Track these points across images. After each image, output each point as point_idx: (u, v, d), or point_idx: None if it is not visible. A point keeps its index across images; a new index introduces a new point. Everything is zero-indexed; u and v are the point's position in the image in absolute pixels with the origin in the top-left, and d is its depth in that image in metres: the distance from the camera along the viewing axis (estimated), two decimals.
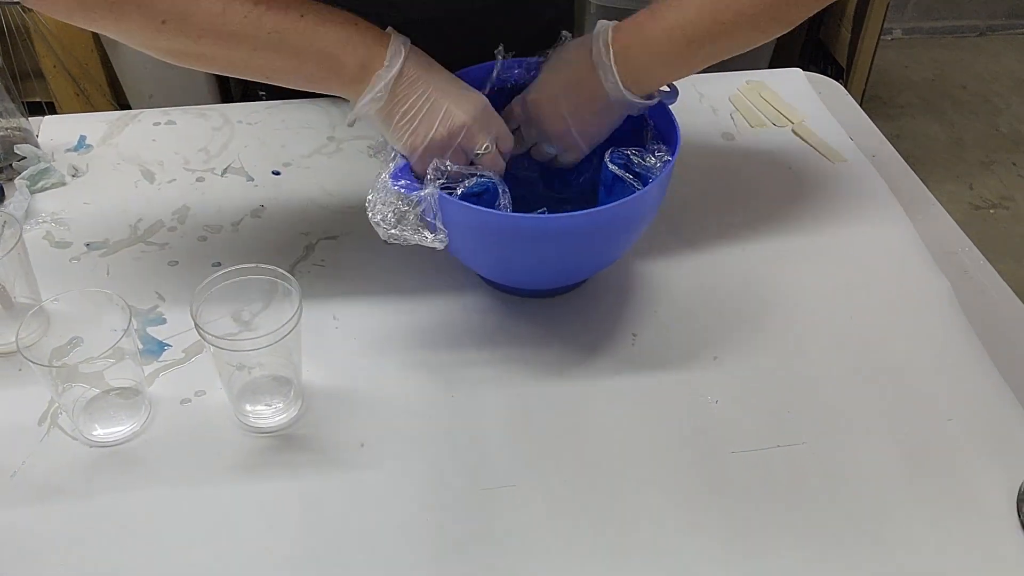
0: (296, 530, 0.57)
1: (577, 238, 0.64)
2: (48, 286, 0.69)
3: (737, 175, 0.87)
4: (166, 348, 0.69)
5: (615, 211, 0.63)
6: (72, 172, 0.85)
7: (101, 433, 0.62)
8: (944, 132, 2.36)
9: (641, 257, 0.77)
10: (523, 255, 0.65)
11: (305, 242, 0.78)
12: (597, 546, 0.57)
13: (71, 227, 0.79)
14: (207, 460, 0.61)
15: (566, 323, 0.71)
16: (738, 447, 0.62)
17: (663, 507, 0.59)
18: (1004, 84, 2.55)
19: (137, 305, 0.71)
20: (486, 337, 0.70)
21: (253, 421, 0.63)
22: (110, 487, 0.59)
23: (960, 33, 2.76)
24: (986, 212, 2.12)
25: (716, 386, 0.66)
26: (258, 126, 0.92)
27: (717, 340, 0.70)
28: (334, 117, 0.93)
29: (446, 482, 0.60)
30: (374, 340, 0.70)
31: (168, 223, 0.80)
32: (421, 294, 0.73)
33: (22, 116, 0.85)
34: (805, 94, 0.99)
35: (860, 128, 0.95)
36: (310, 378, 0.66)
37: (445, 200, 0.61)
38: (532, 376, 0.67)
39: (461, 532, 0.57)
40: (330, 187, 0.84)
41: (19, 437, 0.62)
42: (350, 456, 0.62)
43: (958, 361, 0.69)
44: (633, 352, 0.69)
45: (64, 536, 0.57)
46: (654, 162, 0.68)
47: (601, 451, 0.62)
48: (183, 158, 0.88)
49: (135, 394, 0.64)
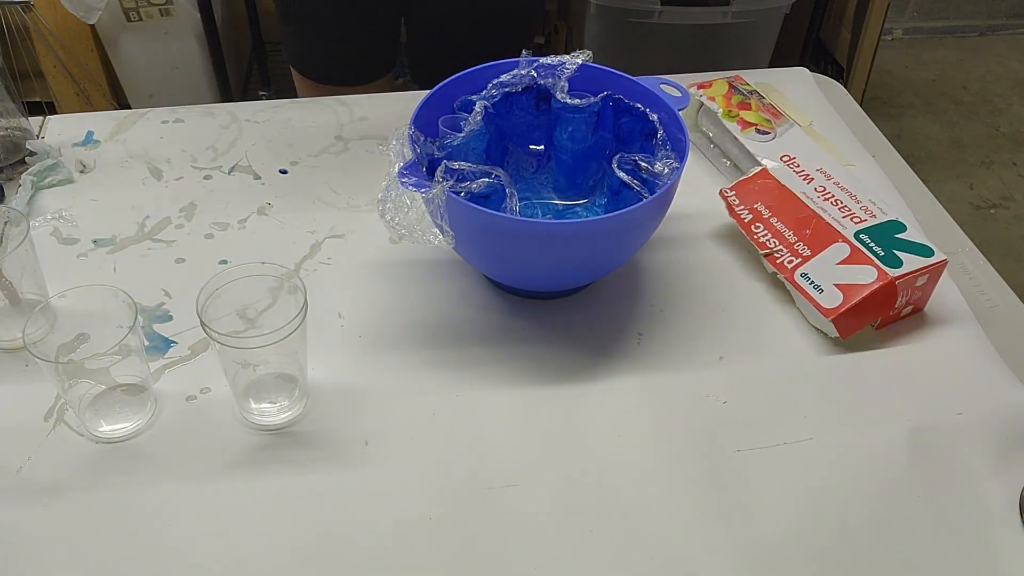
0: (300, 527, 0.58)
1: (584, 243, 0.64)
2: (55, 282, 0.70)
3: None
4: (172, 345, 0.69)
5: (622, 218, 0.63)
6: (80, 168, 0.86)
7: (107, 429, 0.62)
8: (944, 132, 2.36)
9: (647, 257, 0.77)
10: (529, 258, 0.65)
11: (311, 240, 0.78)
12: (601, 546, 0.57)
13: (78, 224, 0.79)
14: (212, 457, 0.61)
15: (572, 323, 0.71)
16: (744, 445, 0.63)
17: (668, 507, 0.59)
18: (1004, 84, 2.56)
19: (143, 302, 0.72)
20: (491, 337, 0.70)
21: (258, 418, 0.64)
22: (115, 483, 0.60)
23: (960, 33, 2.76)
24: (986, 212, 2.12)
25: (721, 386, 0.67)
26: (266, 124, 0.92)
27: (723, 340, 0.70)
28: (341, 116, 0.93)
29: (450, 481, 0.60)
30: (379, 339, 0.70)
31: (175, 220, 0.80)
32: (427, 293, 0.74)
33: (22, 116, 0.85)
34: (812, 95, 0.99)
35: (860, 128, 0.95)
36: (315, 376, 0.66)
37: (453, 201, 0.62)
38: (537, 376, 0.67)
39: (464, 531, 0.58)
40: (337, 186, 0.85)
41: (25, 433, 0.62)
42: (354, 454, 0.62)
43: (969, 356, 0.69)
44: (639, 352, 0.69)
45: (69, 532, 0.57)
46: (662, 169, 0.69)
47: (606, 451, 0.62)
48: (191, 156, 0.88)
49: (141, 391, 0.64)
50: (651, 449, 0.62)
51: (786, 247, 0.72)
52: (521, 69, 0.74)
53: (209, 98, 1.95)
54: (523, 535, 0.57)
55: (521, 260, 0.66)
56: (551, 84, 0.74)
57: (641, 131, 0.74)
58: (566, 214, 0.79)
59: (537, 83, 0.75)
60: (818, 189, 0.76)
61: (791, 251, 0.72)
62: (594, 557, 0.56)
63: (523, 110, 0.77)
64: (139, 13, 1.80)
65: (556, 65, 0.74)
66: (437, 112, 0.72)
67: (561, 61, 0.74)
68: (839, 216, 0.73)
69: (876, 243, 0.70)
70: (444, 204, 0.62)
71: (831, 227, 0.72)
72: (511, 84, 0.74)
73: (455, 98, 0.73)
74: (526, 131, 0.78)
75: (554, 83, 0.74)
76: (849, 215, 0.73)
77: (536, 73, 0.74)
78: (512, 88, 0.74)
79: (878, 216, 0.73)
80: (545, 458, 0.62)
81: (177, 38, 1.87)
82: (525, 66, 0.74)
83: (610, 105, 0.75)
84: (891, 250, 0.70)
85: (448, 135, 0.71)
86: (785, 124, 0.85)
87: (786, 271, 0.71)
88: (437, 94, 0.72)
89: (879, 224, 0.72)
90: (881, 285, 0.67)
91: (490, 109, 0.73)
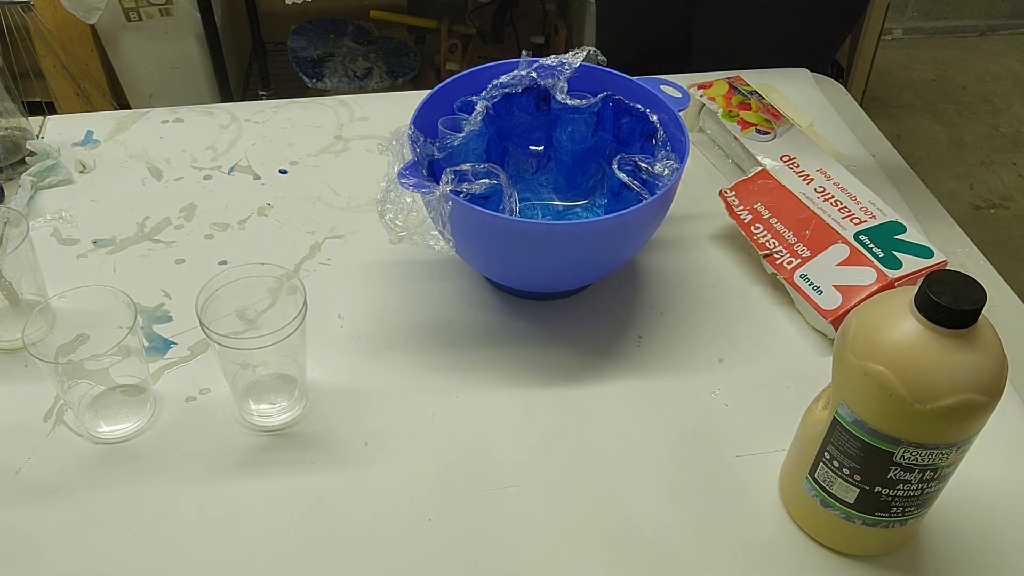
0: (299, 528, 0.58)
1: (584, 244, 0.64)
2: (54, 283, 0.70)
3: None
4: (172, 346, 0.69)
5: (622, 219, 0.63)
6: (79, 168, 0.86)
7: (106, 430, 0.62)
8: (944, 132, 2.36)
9: (647, 258, 0.77)
10: (529, 259, 0.65)
11: (311, 241, 0.78)
12: (599, 547, 0.57)
13: (78, 224, 0.79)
14: (211, 458, 0.61)
15: (571, 325, 0.71)
16: (742, 451, 0.63)
17: (666, 509, 0.59)
18: (1004, 84, 2.56)
19: (143, 302, 0.72)
20: (491, 338, 0.70)
21: (257, 419, 0.64)
22: (115, 484, 0.60)
23: (960, 33, 2.76)
24: (986, 212, 2.12)
25: (721, 387, 0.67)
26: (265, 125, 0.92)
27: (723, 341, 0.70)
28: (341, 116, 0.93)
29: (449, 482, 0.60)
30: (379, 339, 0.70)
31: (175, 221, 0.80)
32: (426, 294, 0.74)
33: (22, 116, 0.85)
34: (812, 95, 0.99)
35: (861, 128, 0.95)
36: (314, 377, 0.66)
37: (452, 202, 0.62)
38: (537, 377, 0.67)
39: (464, 531, 0.58)
40: (337, 186, 0.85)
41: (24, 434, 0.62)
42: (354, 455, 0.62)
43: None
44: (638, 354, 0.69)
45: (69, 533, 0.57)
46: (662, 170, 0.69)
47: (605, 453, 0.62)
48: (190, 156, 0.88)
49: (140, 391, 0.64)
50: (650, 451, 0.62)
51: (786, 248, 0.72)
52: (521, 69, 0.74)
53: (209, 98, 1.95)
54: (522, 536, 0.57)
55: (521, 261, 0.66)
56: (551, 84, 0.74)
57: (641, 132, 0.74)
58: (566, 215, 0.79)
59: (537, 83, 0.75)
60: (818, 190, 0.76)
61: (790, 252, 0.72)
62: (593, 558, 0.56)
63: (523, 111, 0.77)
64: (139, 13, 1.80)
65: (556, 65, 0.74)
66: (437, 112, 0.72)
67: (561, 61, 0.74)
68: (839, 217, 0.73)
69: (876, 244, 0.70)
70: (447, 212, 0.62)
71: (831, 228, 0.72)
72: (511, 84, 0.74)
73: (455, 98, 0.73)
74: (526, 132, 0.78)
75: (554, 83, 0.74)
76: (849, 216, 0.73)
77: (536, 74, 0.74)
78: (512, 88, 0.74)
79: (878, 217, 0.73)
80: (544, 459, 0.62)
81: (177, 38, 1.87)
82: (525, 66, 0.74)
83: (610, 106, 0.75)
84: (891, 251, 0.70)
85: (448, 135, 0.71)
86: (785, 124, 0.85)
87: (785, 272, 0.71)
88: (437, 94, 0.72)
89: (879, 225, 0.72)
90: (880, 287, 0.67)
91: (490, 110, 0.73)
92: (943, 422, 0.46)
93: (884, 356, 0.46)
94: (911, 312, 0.46)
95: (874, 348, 0.47)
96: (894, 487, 0.50)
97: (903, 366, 0.46)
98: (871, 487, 0.51)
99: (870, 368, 0.47)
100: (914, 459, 0.48)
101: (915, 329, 0.46)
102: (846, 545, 0.56)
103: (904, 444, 0.48)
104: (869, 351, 0.47)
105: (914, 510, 0.52)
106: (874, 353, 0.47)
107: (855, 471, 0.51)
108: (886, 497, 0.51)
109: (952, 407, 0.45)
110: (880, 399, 0.47)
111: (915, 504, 0.52)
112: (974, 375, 0.45)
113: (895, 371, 0.46)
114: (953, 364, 0.45)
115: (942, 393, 0.45)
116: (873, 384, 0.47)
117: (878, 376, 0.46)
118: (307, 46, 2.05)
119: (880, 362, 0.46)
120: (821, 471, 0.53)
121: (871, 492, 0.51)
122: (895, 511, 0.52)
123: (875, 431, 0.48)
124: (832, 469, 0.52)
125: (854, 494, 0.52)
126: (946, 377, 0.45)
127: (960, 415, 0.46)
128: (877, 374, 0.46)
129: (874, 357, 0.47)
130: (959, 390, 0.45)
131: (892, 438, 0.48)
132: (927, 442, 0.48)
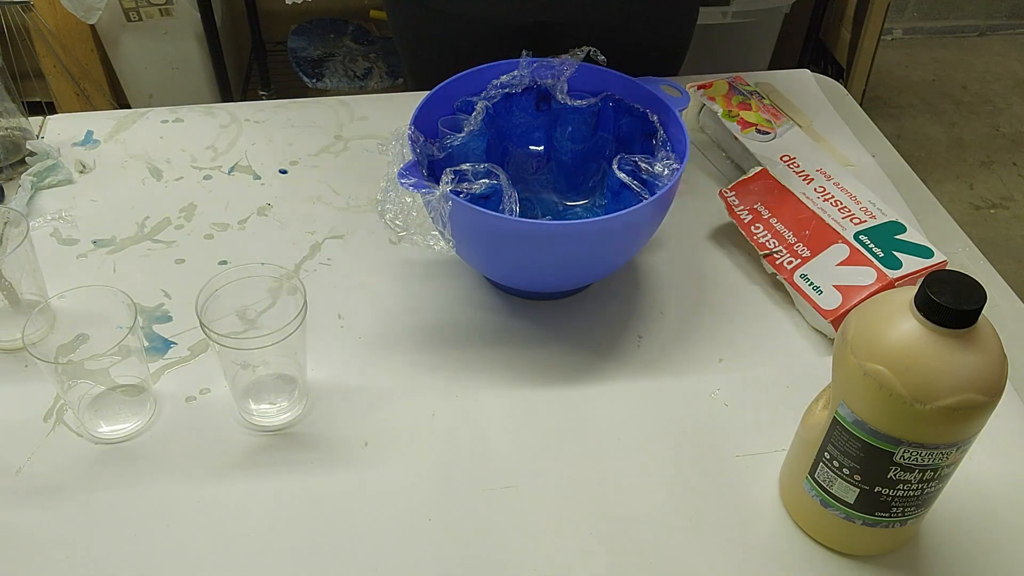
0: (299, 527, 0.58)
1: (583, 245, 0.64)
2: (55, 283, 0.70)
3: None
4: (172, 346, 0.69)
5: (622, 219, 0.63)
6: (79, 168, 0.86)
7: (106, 430, 0.62)
8: (944, 132, 2.36)
9: (647, 258, 0.77)
10: (529, 260, 0.65)
11: (311, 241, 0.78)
12: (599, 547, 0.57)
13: (78, 224, 0.79)
14: (211, 458, 0.61)
15: (571, 325, 0.71)
16: (742, 451, 0.63)
17: (666, 509, 0.59)
18: (1004, 84, 2.56)
19: (143, 302, 0.72)
20: (491, 338, 0.70)
21: (257, 419, 0.64)
22: (115, 484, 0.60)
23: (960, 33, 2.76)
24: (986, 212, 2.12)
25: (721, 388, 0.67)
26: (265, 124, 0.92)
27: (722, 342, 0.70)
28: (341, 116, 0.93)
29: (449, 482, 0.60)
30: (379, 339, 0.70)
31: (175, 221, 0.80)
32: (426, 294, 0.74)
33: (22, 116, 0.85)
34: (812, 95, 0.99)
35: (860, 128, 0.95)
36: (314, 377, 0.66)
37: (452, 202, 0.62)
38: (537, 377, 0.67)
39: (464, 531, 0.58)
40: (337, 186, 0.84)
41: (24, 433, 0.62)
42: (354, 455, 0.62)
43: None
44: (638, 354, 0.69)
45: (68, 532, 0.57)
46: (662, 170, 0.69)
47: (605, 453, 0.62)
48: (190, 156, 0.88)
49: (140, 391, 0.64)
50: (650, 451, 0.62)
51: (785, 248, 0.72)
52: (521, 69, 0.74)
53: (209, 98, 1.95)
54: (522, 536, 0.57)
55: (521, 261, 0.66)
56: (551, 84, 0.74)
57: (641, 132, 0.74)
58: (566, 215, 0.79)
59: (537, 83, 0.75)
60: (818, 190, 0.76)
61: (790, 252, 0.72)
62: (593, 558, 0.56)
63: (523, 111, 0.77)
64: (139, 13, 1.80)
65: (556, 65, 0.74)
66: (437, 112, 0.72)
67: (561, 61, 0.74)
68: (839, 217, 0.73)
69: (876, 244, 0.70)
70: (447, 212, 0.62)
71: (831, 228, 0.72)
72: (511, 84, 0.74)
73: (455, 98, 0.73)
74: (526, 132, 0.78)
75: (554, 83, 0.74)
76: (849, 216, 0.73)
77: (536, 74, 0.74)
78: (512, 88, 0.74)
79: (878, 217, 0.73)
80: (544, 459, 0.62)
81: (177, 38, 1.87)
82: (525, 66, 0.74)
83: (610, 105, 0.75)
84: (891, 251, 0.70)
85: (448, 136, 0.71)
86: (785, 124, 0.85)
87: (785, 272, 0.71)
88: (437, 94, 0.72)
89: (879, 225, 0.72)
90: (880, 287, 0.67)
91: (490, 110, 0.73)
92: (943, 422, 0.46)
93: (884, 356, 0.46)
94: (911, 312, 0.46)
95: (874, 348, 0.47)
96: (894, 487, 0.50)
97: (903, 366, 0.46)
98: (871, 487, 0.51)
99: (870, 368, 0.47)
100: (914, 459, 0.48)
101: (915, 329, 0.46)
102: (846, 545, 0.56)
103: (904, 444, 0.48)
104: (869, 351, 0.47)
105: (914, 510, 0.52)
106: (874, 353, 0.47)
107: (855, 471, 0.51)
108: (886, 497, 0.51)
109: (952, 407, 0.45)
110: (880, 399, 0.47)
111: (915, 504, 0.52)
112: (974, 375, 0.45)
113: (895, 371, 0.46)
114: (953, 364, 0.45)
115: (942, 393, 0.45)
116: (873, 384, 0.47)
117: (878, 376, 0.46)
118: (307, 46, 2.05)
119: (880, 362, 0.46)
120: (821, 471, 0.53)
121: (871, 492, 0.51)
122: (895, 511, 0.52)
123: (875, 431, 0.48)
124: (832, 469, 0.52)
125: (854, 494, 0.52)
126: (946, 377, 0.45)
127: (960, 415, 0.46)
128: (877, 374, 0.46)
129: (874, 357, 0.47)
130: (959, 390, 0.45)
131: (892, 438, 0.48)
132: (927, 442, 0.48)
